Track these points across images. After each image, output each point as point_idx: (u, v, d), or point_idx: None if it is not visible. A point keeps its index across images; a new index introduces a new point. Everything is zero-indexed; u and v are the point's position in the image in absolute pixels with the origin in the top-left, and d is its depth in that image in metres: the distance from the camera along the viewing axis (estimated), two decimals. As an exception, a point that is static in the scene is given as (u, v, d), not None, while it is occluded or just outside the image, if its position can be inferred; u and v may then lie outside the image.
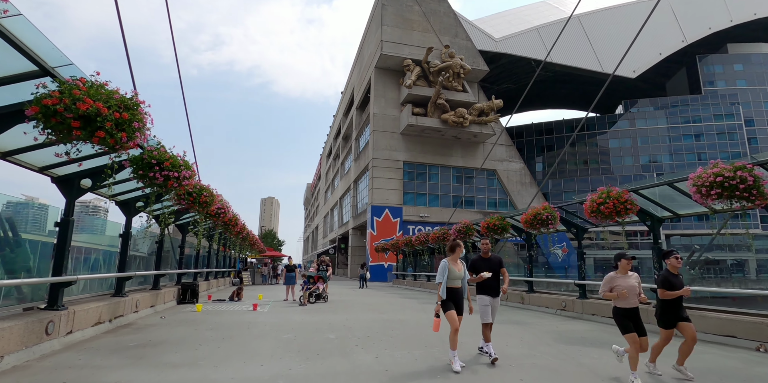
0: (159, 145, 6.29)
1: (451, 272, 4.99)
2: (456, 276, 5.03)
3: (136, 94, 4.26)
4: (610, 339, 7.08)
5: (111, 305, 7.48)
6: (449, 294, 4.98)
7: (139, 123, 4.19)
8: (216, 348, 5.76)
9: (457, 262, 5.13)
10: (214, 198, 8.90)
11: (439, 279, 4.96)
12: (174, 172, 6.12)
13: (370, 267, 34.58)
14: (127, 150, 4.41)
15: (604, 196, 8.24)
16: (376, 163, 36.85)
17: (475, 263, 5.71)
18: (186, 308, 10.92)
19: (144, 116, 4.28)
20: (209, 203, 8.68)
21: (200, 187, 8.44)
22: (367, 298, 15.53)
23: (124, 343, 6.07)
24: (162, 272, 10.66)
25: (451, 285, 5.00)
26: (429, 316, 9.81)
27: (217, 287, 19.33)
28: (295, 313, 10.15)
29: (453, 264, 5.04)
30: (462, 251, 5.20)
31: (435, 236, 17.95)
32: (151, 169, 6.01)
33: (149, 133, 4.59)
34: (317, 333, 7.07)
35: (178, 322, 8.27)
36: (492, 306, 5.65)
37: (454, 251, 5.14)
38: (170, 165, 6.07)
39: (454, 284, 5.03)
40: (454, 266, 5.05)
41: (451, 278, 4.99)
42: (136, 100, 4.21)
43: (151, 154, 6.03)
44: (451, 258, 5.11)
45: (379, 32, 37.17)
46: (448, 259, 5.08)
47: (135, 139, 4.24)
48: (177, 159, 6.22)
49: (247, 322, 8.34)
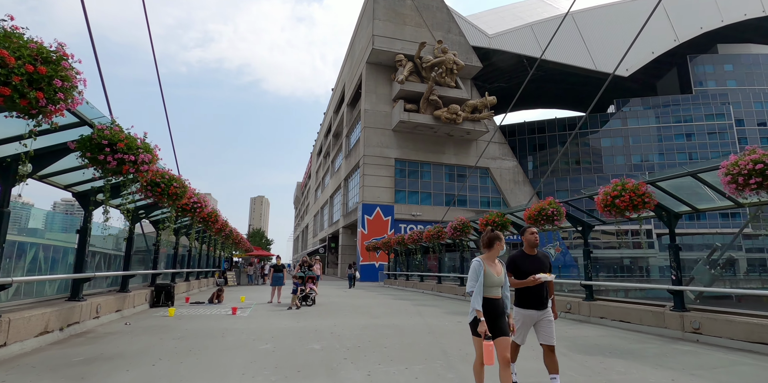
0: (113, 123, 5.34)
1: (489, 277, 3.50)
2: (495, 281, 3.53)
3: (62, 46, 3.33)
4: (629, 347, 6.31)
5: (62, 311, 6.49)
6: (486, 307, 3.51)
7: (65, 82, 3.25)
8: (178, 364, 4.84)
9: (495, 262, 3.64)
10: (187, 191, 7.94)
11: (471, 286, 3.50)
12: (129, 155, 5.17)
13: (361, 266, 33.71)
14: (51, 117, 3.45)
15: (619, 189, 7.49)
16: (367, 160, 35.96)
17: (518, 261, 4.10)
18: (158, 312, 9.93)
19: (71, 74, 3.34)
20: (180, 195, 7.72)
21: (170, 176, 7.48)
22: (357, 300, 14.65)
23: (69, 358, 5.12)
24: (131, 273, 9.65)
25: (487, 295, 3.51)
26: (425, 321, 8.97)
27: (199, 288, 18.27)
28: (278, 318, 9.23)
29: (490, 265, 3.56)
30: (503, 247, 3.65)
31: (429, 234, 17.14)
32: (101, 151, 5.06)
33: (80, 98, 3.64)
34: (300, 343, 6.17)
35: (143, 329, 7.31)
36: (544, 323, 4.00)
37: (491, 246, 3.63)
38: (125, 146, 5.12)
39: (492, 293, 3.53)
40: (492, 268, 3.56)
41: (488, 285, 3.50)
42: (61, 54, 3.28)
43: (102, 134, 5.08)
44: (486, 256, 3.64)
45: (371, 26, 36.26)
46: (482, 258, 3.60)
47: (59, 103, 3.31)
48: (134, 139, 5.28)
49: (222, 329, 7.41)
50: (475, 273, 3.51)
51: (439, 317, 9.69)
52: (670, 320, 7.62)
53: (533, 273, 3.93)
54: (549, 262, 4.17)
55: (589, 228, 10.39)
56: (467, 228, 14.24)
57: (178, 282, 15.12)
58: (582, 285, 10.00)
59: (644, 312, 8.15)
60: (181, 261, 16.81)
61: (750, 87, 54.60)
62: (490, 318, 3.46)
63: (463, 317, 9.71)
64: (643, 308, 8.22)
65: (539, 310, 4.00)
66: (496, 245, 3.64)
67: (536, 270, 3.98)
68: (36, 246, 7.13)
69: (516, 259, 4.12)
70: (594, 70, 45.14)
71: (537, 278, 3.85)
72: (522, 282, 3.95)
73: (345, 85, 46.88)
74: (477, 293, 3.44)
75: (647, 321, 8.04)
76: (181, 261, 16.81)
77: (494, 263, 3.62)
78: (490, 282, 3.51)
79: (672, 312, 7.62)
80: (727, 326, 6.72)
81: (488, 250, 3.66)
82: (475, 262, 3.57)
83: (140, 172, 5.41)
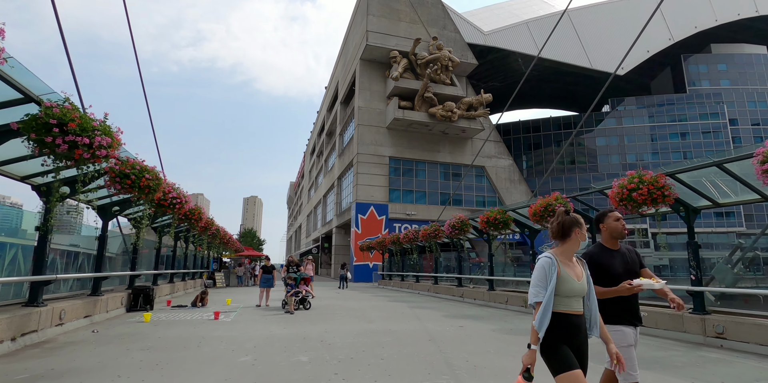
0: (66, 101, 4.59)
1: (565, 282, 2.33)
2: (575, 289, 2.34)
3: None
4: (652, 354, 5.67)
5: (15, 318, 5.71)
6: (560, 328, 2.28)
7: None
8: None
9: (573, 261, 2.46)
10: (161, 183, 7.18)
11: (538, 294, 2.33)
12: (83, 138, 4.42)
13: (355, 267, 32.98)
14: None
15: (636, 181, 6.87)
16: (360, 158, 35.23)
17: (602, 260, 2.86)
18: (134, 317, 9.15)
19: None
20: (154, 188, 6.96)
21: (141, 167, 6.71)
22: (350, 302, 13.93)
23: (13, 374, 4.36)
24: (103, 274, 8.85)
25: (562, 309, 2.32)
26: (424, 326, 8.29)
27: (185, 290, 17.43)
28: (264, 324, 8.49)
29: (566, 265, 2.40)
30: (584, 236, 2.45)
31: (426, 233, 16.47)
32: (49, 132, 4.31)
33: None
34: (285, 355, 5.45)
35: (110, 338, 6.54)
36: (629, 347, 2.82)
37: (568, 235, 2.44)
38: (77, 127, 4.37)
39: (570, 306, 2.34)
40: (569, 269, 2.39)
41: (563, 293, 2.32)
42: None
43: (50, 112, 4.33)
44: (561, 250, 2.45)
45: (365, 22, 35.55)
46: (554, 253, 2.43)
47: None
48: (89, 119, 4.52)
49: (199, 338, 6.66)
50: (545, 275, 2.31)
51: (438, 321, 9.01)
52: (690, 324, 7.01)
53: (623, 277, 2.78)
54: (640, 259, 2.99)
55: (598, 226, 9.78)
56: (466, 227, 13.59)
57: (161, 284, 14.30)
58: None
59: (660, 314, 7.55)
60: (165, 262, 15.98)
61: (743, 86, 54.76)
62: (571, 344, 2.27)
63: (464, 321, 9.04)
64: (659, 310, 7.62)
65: (635, 327, 2.85)
66: (575, 234, 2.39)
67: (628, 272, 2.83)
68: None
69: (597, 257, 2.84)
70: (590, 68, 44.86)
71: (635, 285, 2.64)
72: (611, 290, 2.69)
73: (338, 83, 46.11)
74: (546, 306, 2.25)
75: (663, 324, 7.43)
76: (165, 262, 15.98)
77: (572, 262, 2.42)
78: (568, 290, 2.30)
79: (692, 315, 7.01)
80: (756, 330, 6.12)
81: (562, 242, 2.44)
82: (544, 259, 2.36)
83: (97, 158, 4.65)
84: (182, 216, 10.47)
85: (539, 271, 2.35)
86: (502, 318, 9.76)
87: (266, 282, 12.27)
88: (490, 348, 6.04)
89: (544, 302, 2.27)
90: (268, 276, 12.35)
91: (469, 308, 12.06)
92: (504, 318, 9.78)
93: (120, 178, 6.49)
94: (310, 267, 17.19)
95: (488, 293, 13.24)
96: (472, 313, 10.64)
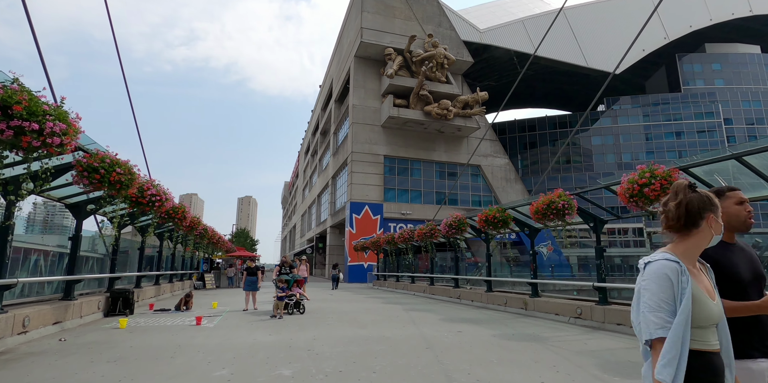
0: (14, 81, 4.02)
1: (700, 302, 1.38)
2: (713, 314, 1.41)
3: None
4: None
5: (-34, 328, 5.14)
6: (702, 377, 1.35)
7: None
8: (92, 404, 3.55)
9: (698, 269, 1.52)
10: (135, 178, 6.61)
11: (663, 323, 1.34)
12: (31, 123, 3.86)
13: (349, 267, 32.43)
14: None
15: (648, 176, 6.41)
16: (355, 157, 34.68)
17: (721, 258, 1.79)
18: (110, 323, 8.56)
19: None
20: (126, 184, 6.38)
21: (111, 161, 6.14)
22: (343, 304, 13.39)
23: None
24: (75, 277, 8.25)
25: (700, 347, 1.37)
26: (420, 331, 7.78)
27: (171, 292, 16.80)
28: (247, 330, 7.94)
29: (693, 275, 1.44)
30: (720, 228, 1.49)
31: (421, 232, 15.96)
32: (-11, 116, 3.74)
33: None
34: (266, 367, 4.91)
35: (77, 347, 5.96)
36: None
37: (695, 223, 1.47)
38: (24, 111, 3.81)
39: (708, 342, 1.40)
40: (698, 280, 1.44)
41: (701, 323, 1.39)
42: None
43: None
44: (682, 247, 1.48)
45: (359, 19, 35.01)
46: (674, 253, 1.45)
47: None
48: (38, 102, 3.96)
49: (175, 346, 6.10)
50: (671, 290, 1.37)
51: (435, 325, 8.51)
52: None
53: (752, 284, 1.79)
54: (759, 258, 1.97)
55: (602, 224, 9.34)
56: (463, 226, 13.09)
57: (146, 286, 13.67)
58: (595, 288, 8.93)
59: None
60: (150, 263, 15.35)
61: (738, 86, 54.89)
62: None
63: (462, 325, 8.54)
64: None
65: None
66: (707, 222, 1.47)
67: (756, 277, 1.82)
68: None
69: (714, 254, 1.79)
70: (585, 66, 44.64)
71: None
72: (745, 306, 1.68)
73: (333, 81, 45.52)
74: (679, 343, 1.31)
75: None
76: (150, 263, 15.35)
77: (696, 268, 1.50)
78: (706, 318, 1.40)
79: None
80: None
81: (685, 236, 1.49)
82: (665, 264, 1.40)
83: (49, 147, 4.09)
84: (164, 214, 9.88)
85: (662, 283, 1.37)
86: (502, 321, 9.27)
87: (250, 285, 11.42)
88: (493, 357, 5.54)
89: (671, 336, 1.31)
90: (252, 279, 11.45)
91: (467, 310, 11.57)
92: (504, 321, 9.29)
93: (88, 172, 5.92)
94: (304, 268, 16.62)
95: (486, 294, 12.77)
96: (471, 316, 10.15)
